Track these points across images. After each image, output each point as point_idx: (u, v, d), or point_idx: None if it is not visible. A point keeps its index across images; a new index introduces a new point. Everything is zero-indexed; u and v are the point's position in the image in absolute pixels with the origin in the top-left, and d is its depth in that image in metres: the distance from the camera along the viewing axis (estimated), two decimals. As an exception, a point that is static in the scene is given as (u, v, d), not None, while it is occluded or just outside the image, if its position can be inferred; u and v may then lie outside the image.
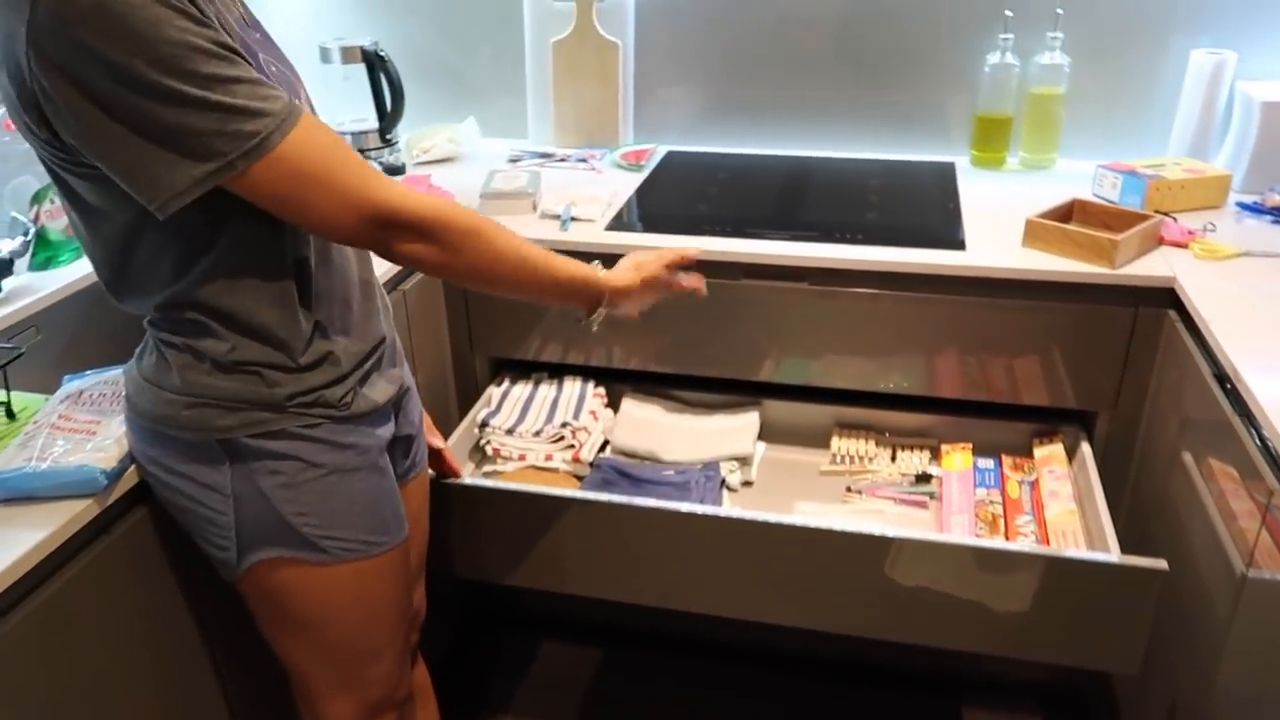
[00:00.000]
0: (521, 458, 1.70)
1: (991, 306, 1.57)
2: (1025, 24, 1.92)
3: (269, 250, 0.99)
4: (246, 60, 0.88)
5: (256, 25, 1.03)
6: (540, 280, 1.12)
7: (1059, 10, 1.88)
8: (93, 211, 0.95)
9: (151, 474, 1.07)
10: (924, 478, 1.67)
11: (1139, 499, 1.58)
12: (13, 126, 1.54)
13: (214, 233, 0.95)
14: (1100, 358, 1.56)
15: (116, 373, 1.20)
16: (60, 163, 0.91)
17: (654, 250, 1.29)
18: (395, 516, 1.15)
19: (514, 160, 2.11)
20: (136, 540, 1.10)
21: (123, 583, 1.09)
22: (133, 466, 1.08)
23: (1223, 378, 1.26)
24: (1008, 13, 1.90)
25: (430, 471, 1.39)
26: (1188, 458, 1.36)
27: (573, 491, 1.48)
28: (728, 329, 1.69)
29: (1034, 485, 1.61)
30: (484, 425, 1.74)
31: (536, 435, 1.71)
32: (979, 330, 1.59)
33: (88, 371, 1.22)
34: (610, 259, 1.69)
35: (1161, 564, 1.25)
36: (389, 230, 0.95)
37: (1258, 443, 1.13)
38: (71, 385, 1.18)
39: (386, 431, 1.15)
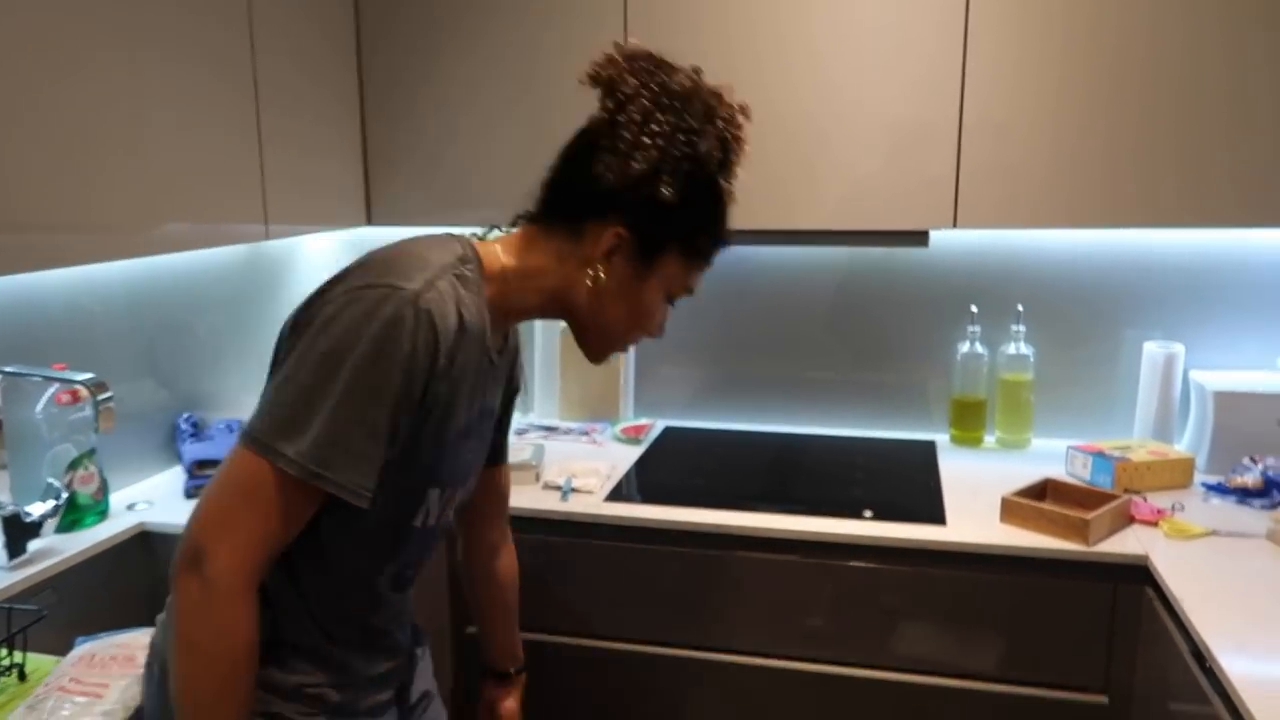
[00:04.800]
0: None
1: (975, 581, 1.62)
2: (991, 317, 2.11)
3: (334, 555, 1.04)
4: (384, 443, 0.94)
5: (492, 412, 1.14)
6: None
7: (1019, 307, 2.08)
8: None
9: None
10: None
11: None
12: (63, 400, 1.68)
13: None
14: (1085, 634, 1.59)
15: (127, 635, 1.25)
16: None
17: None
18: None
19: (520, 433, 2.24)
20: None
21: None
22: (134, 731, 1.10)
23: (1199, 655, 1.30)
24: (973, 308, 2.10)
25: None
26: (1180, 739, 1.36)
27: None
28: (721, 600, 1.74)
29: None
30: None
31: None
32: (966, 605, 1.63)
33: (100, 634, 1.26)
34: (609, 530, 1.77)
35: None
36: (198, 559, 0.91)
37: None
38: (84, 647, 1.22)
39: None
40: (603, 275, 1.04)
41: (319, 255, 2.47)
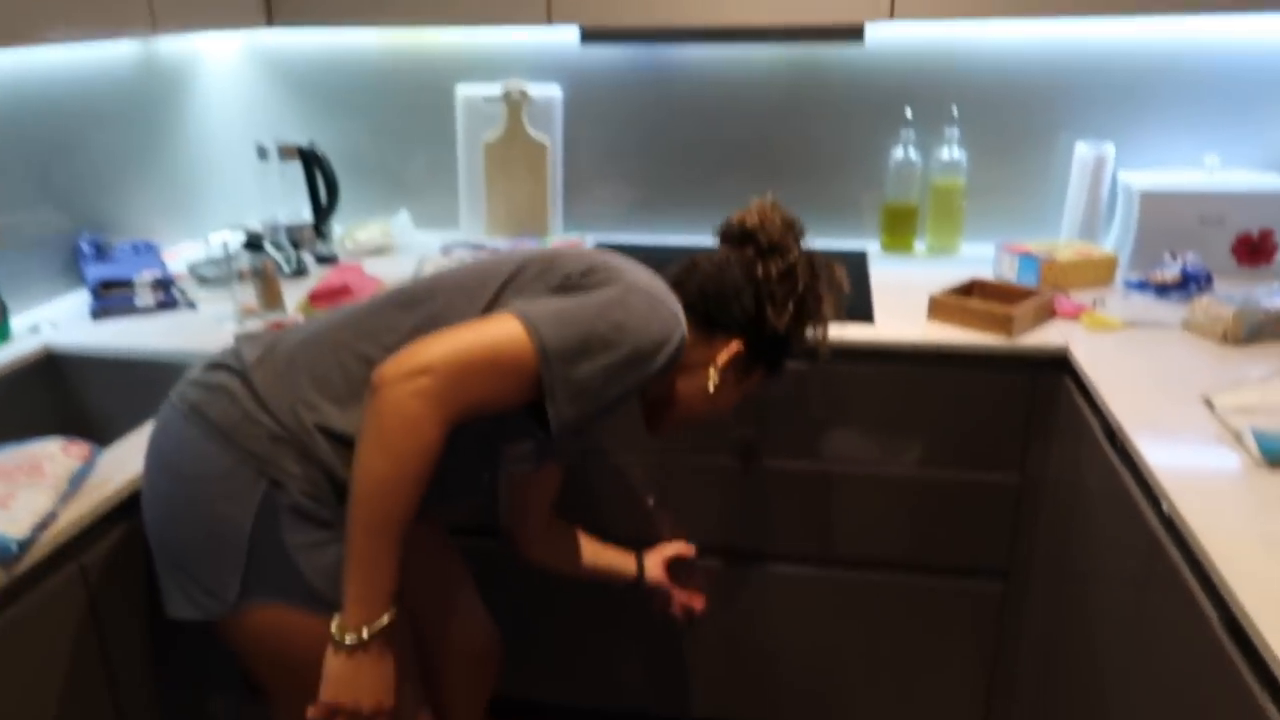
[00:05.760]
0: None
1: (902, 377, 1.64)
2: (925, 122, 2.06)
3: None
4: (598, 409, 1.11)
5: None
6: (366, 523, 1.03)
7: (954, 109, 2.03)
8: None
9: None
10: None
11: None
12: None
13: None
14: (1006, 423, 1.64)
15: (34, 446, 1.21)
16: None
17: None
18: None
19: (446, 250, 2.17)
20: (52, 610, 1.09)
21: (33, 651, 1.07)
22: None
23: (1111, 434, 1.34)
24: (907, 111, 2.05)
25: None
26: (1090, 512, 1.43)
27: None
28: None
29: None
30: None
31: None
32: (892, 400, 1.66)
33: (3, 445, 1.21)
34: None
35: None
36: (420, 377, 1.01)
37: (1141, 492, 1.21)
38: (-13, 458, 1.17)
39: None
40: (719, 379, 1.25)
41: (220, 65, 2.30)
